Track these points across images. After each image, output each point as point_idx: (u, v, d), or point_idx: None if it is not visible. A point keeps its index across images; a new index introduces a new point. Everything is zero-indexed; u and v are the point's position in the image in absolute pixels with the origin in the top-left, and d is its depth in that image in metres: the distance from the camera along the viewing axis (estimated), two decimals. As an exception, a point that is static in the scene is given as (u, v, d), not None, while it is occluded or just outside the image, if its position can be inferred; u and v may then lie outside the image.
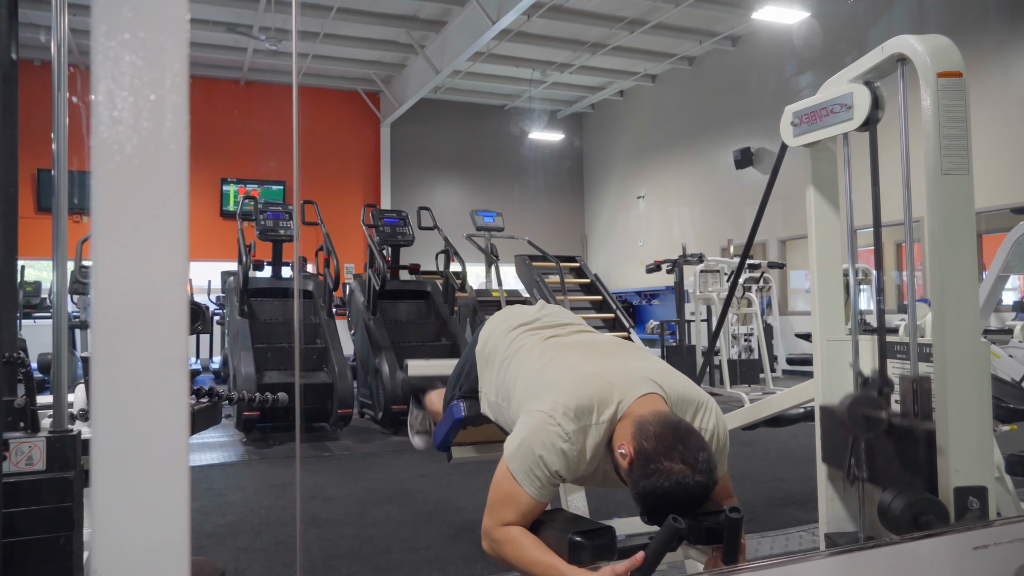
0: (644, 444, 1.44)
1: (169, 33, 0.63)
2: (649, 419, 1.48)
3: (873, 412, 1.78)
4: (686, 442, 1.43)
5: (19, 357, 1.72)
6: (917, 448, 1.73)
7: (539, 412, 1.56)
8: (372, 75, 14.23)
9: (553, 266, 8.33)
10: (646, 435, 1.45)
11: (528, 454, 1.53)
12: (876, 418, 1.78)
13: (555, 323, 2.01)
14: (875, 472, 1.90)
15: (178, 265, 0.63)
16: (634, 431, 1.49)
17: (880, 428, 1.79)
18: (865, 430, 1.79)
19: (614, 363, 1.68)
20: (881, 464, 1.88)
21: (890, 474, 1.84)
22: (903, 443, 1.79)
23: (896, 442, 1.81)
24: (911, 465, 1.76)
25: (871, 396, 1.81)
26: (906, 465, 1.78)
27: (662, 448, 1.42)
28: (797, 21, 10.60)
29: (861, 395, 1.82)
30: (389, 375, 5.94)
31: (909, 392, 1.79)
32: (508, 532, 1.54)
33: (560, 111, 16.57)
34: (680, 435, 1.44)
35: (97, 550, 0.61)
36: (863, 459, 1.92)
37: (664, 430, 1.45)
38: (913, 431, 1.76)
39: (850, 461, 1.93)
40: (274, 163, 13.80)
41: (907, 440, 1.78)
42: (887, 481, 1.85)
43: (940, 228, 1.70)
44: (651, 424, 1.47)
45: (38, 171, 12.38)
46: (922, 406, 1.77)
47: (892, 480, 1.83)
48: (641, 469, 1.44)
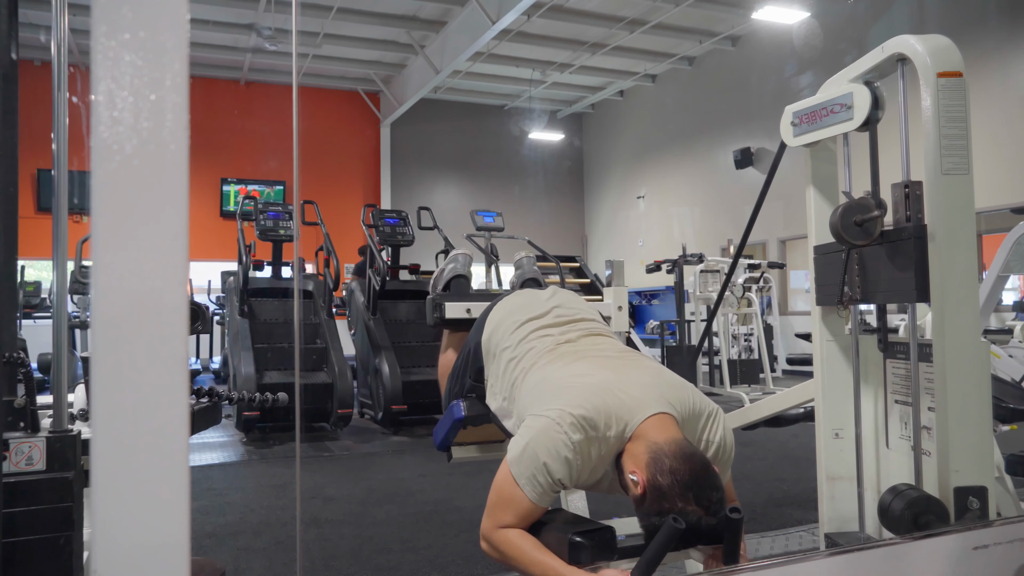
0: (659, 479, 1.42)
1: (169, 33, 0.63)
2: (665, 450, 1.45)
3: (865, 216, 1.77)
4: (701, 482, 1.41)
5: (19, 357, 1.72)
6: (910, 251, 1.73)
7: (545, 418, 1.55)
8: (372, 75, 14.23)
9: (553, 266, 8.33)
10: (661, 469, 1.43)
11: (532, 459, 1.52)
12: (869, 220, 1.77)
13: (566, 319, 1.97)
14: (867, 289, 1.89)
15: (178, 265, 0.63)
16: (648, 460, 1.46)
17: (873, 232, 1.78)
18: (859, 237, 1.77)
19: (625, 376, 1.65)
20: (874, 278, 1.87)
21: (883, 286, 1.84)
22: (896, 249, 1.79)
23: (889, 250, 1.81)
24: (904, 269, 1.76)
25: (862, 202, 1.81)
26: (899, 269, 1.77)
27: (677, 488, 1.40)
28: (797, 21, 10.60)
29: (852, 202, 1.81)
30: (389, 375, 5.94)
31: (901, 197, 1.79)
32: (507, 534, 1.54)
33: (560, 111, 16.57)
34: (695, 474, 1.42)
35: (97, 550, 0.61)
36: (856, 282, 1.91)
37: (680, 465, 1.42)
38: (904, 231, 1.75)
39: (843, 284, 1.92)
40: (274, 163, 13.81)
41: (900, 243, 1.77)
42: (880, 295, 1.86)
43: (940, 228, 1.70)
44: (667, 456, 1.44)
45: (38, 171, 12.38)
46: (914, 211, 1.76)
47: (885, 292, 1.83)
48: (654, 505, 1.42)
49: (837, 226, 1.79)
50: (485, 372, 2.00)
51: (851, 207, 1.80)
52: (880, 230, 1.81)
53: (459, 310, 2.43)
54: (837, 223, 1.79)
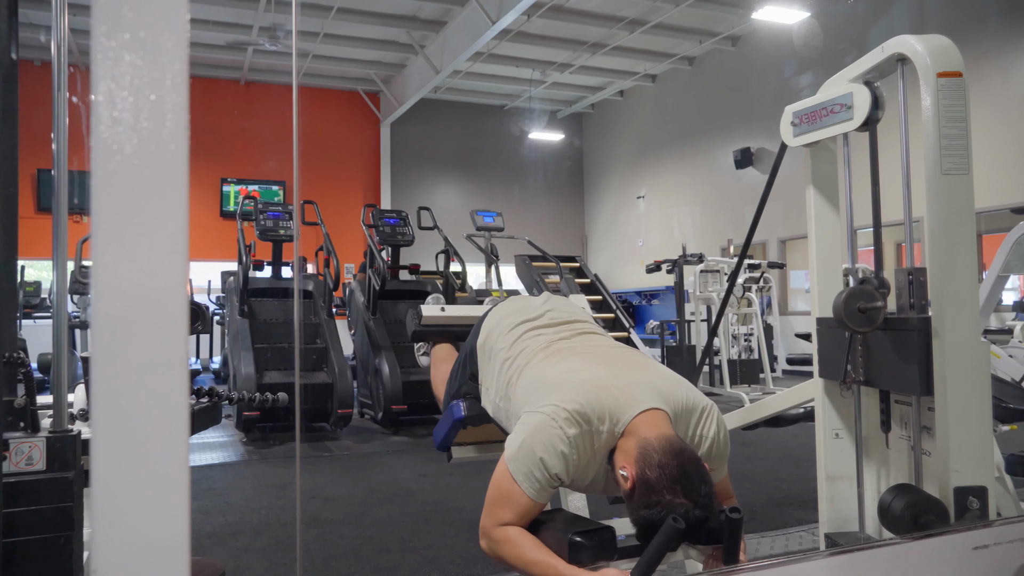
0: (647, 473, 1.44)
1: (169, 33, 0.63)
2: (654, 444, 1.47)
3: (869, 304, 1.77)
4: (689, 475, 1.43)
5: (19, 357, 1.72)
6: (914, 341, 1.72)
7: (540, 414, 1.56)
8: (372, 75, 14.23)
9: (553, 266, 8.33)
10: (649, 463, 1.44)
11: (528, 455, 1.53)
12: (872, 309, 1.76)
13: (560, 321, 1.99)
14: (871, 372, 1.89)
15: (178, 265, 0.63)
16: (637, 455, 1.47)
17: (876, 321, 1.77)
18: (862, 324, 1.77)
19: (618, 372, 1.67)
20: (877, 362, 1.86)
21: (887, 372, 1.83)
22: (899, 338, 1.78)
23: (892, 337, 1.80)
24: (907, 359, 1.75)
25: (866, 288, 1.80)
26: (903, 359, 1.76)
27: (665, 481, 1.42)
28: (797, 21, 10.60)
29: (856, 289, 1.80)
30: (389, 375, 5.94)
31: (905, 285, 1.78)
32: (506, 532, 1.54)
33: (560, 111, 16.57)
34: (684, 467, 1.43)
35: (97, 550, 0.61)
36: (859, 362, 1.91)
37: (668, 459, 1.44)
38: (909, 321, 1.75)
39: (847, 364, 1.92)
40: (274, 163, 13.81)
41: (903, 333, 1.77)
42: (883, 380, 1.85)
43: (940, 228, 1.70)
44: (656, 452, 1.45)
45: (38, 171, 12.38)
46: (918, 298, 1.76)
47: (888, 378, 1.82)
48: (642, 499, 1.44)
49: (840, 312, 1.78)
50: (480, 375, 2.01)
51: (855, 293, 1.79)
52: (884, 316, 1.79)
53: (434, 310, 2.52)
54: (840, 309, 1.78)
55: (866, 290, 1.79)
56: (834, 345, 2.01)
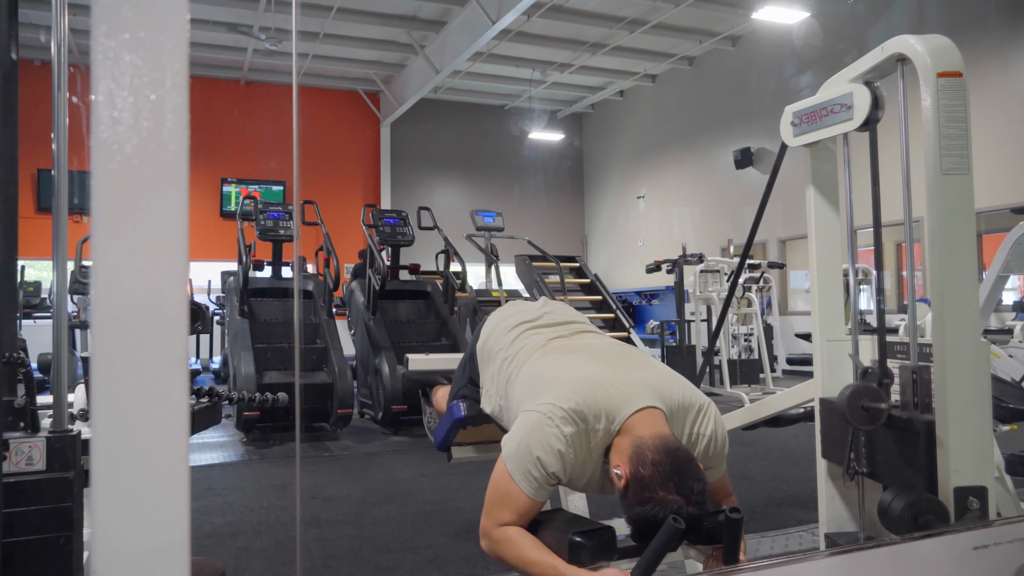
0: (641, 471, 1.45)
1: (169, 33, 0.63)
2: (648, 443, 1.48)
3: (872, 403, 1.78)
4: (682, 472, 1.44)
5: (19, 357, 1.72)
6: (917, 441, 1.73)
7: (537, 413, 1.56)
8: (372, 75, 14.23)
9: (553, 266, 8.33)
10: (643, 461, 1.45)
11: (525, 454, 1.53)
12: (876, 409, 1.77)
13: (557, 321, 2.01)
14: (875, 466, 1.89)
15: (178, 265, 0.63)
16: (631, 454, 1.48)
17: (879, 420, 1.78)
18: (865, 422, 1.78)
19: (615, 370, 1.67)
20: (881, 458, 1.87)
21: (889, 468, 1.83)
22: (903, 435, 1.78)
23: (896, 435, 1.80)
24: (911, 458, 1.75)
25: (870, 387, 1.81)
26: (906, 458, 1.77)
27: (658, 478, 1.43)
28: (797, 21, 10.60)
29: (860, 386, 1.81)
30: (389, 375, 5.94)
31: (909, 382, 1.79)
32: (506, 532, 1.55)
33: (560, 111, 16.57)
34: (677, 465, 1.44)
35: (97, 550, 0.61)
36: (862, 453, 1.91)
37: (662, 458, 1.45)
38: (913, 423, 1.75)
39: (849, 455, 1.92)
40: (274, 163, 13.81)
41: (907, 432, 1.77)
42: (887, 476, 1.85)
43: (940, 228, 1.70)
44: (649, 450, 1.46)
45: (38, 171, 12.38)
46: (921, 397, 1.76)
47: (892, 475, 1.83)
48: (636, 496, 1.45)
49: (844, 410, 1.78)
50: (481, 378, 2.02)
51: (859, 391, 1.79)
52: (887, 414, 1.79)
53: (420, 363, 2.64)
54: (844, 406, 1.78)
55: (870, 389, 1.80)
56: (836, 430, 2.01)
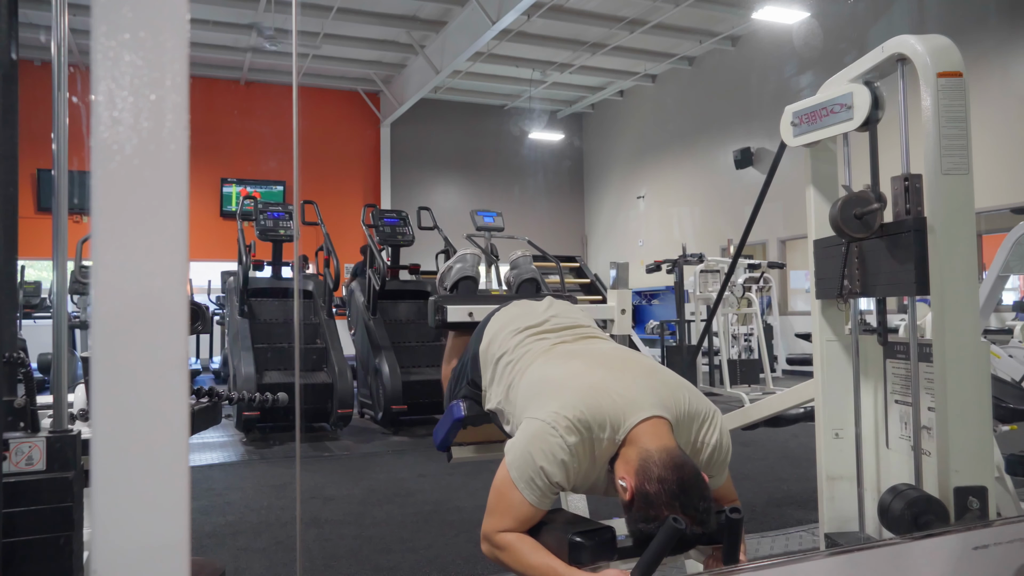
0: (647, 487, 1.43)
1: (169, 33, 0.63)
2: (655, 457, 1.46)
3: (864, 208, 1.77)
4: (688, 491, 1.42)
5: (19, 357, 1.72)
6: (908, 240, 1.73)
7: (540, 421, 1.55)
8: (372, 75, 14.23)
9: (553, 266, 8.33)
10: (649, 477, 1.43)
11: (529, 463, 1.52)
12: (869, 213, 1.77)
13: (563, 326, 1.98)
14: (867, 281, 1.89)
15: (178, 265, 0.63)
16: (637, 467, 1.46)
17: (873, 225, 1.78)
18: (859, 230, 1.77)
19: (620, 377, 1.65)
20: (873, 271, 1.87)
21: (883, 279, 1.83)
22: (895, 241, 1.78)
23: (888, 243, 1.80)
24: (904, 261, 1.75)
25: (862, 195, 1.81)
26: (899, 261, 1.77)
27: (664, 496, 1.41)
28: (797, 21, 10.60)
29: (852, 195, 1.81)
30: (389, 375, 5.94)
31: (901, 191, 1.79)
32: (507, 537, 1.54)
33: (560, 111, 16.57)
34: (684, 483, 1.42)
35: (97, 550, 0.61)
36: (856, 275, 1.91)
37: (668, 474, 1.43)
38: (904, 224, 1.75)
39: (843, 277, 1.92)
40: (274, 163, 13.80)
41: (899, 236, 1.77)
42: (880, 288, 1.85)
43: (940, 228, 1.70)
44: (656, 465, 1.44)
45: (38, 171, 12.38)
46: (913, 204, 1.76)
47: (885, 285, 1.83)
48: (640, 511, 1.43)
49: (837, 219, 1.79)
50: (482, 381, 2.00)
51: (851, 200, 1.80)
52: (880, 223, 1.81)
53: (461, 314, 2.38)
54: (837, 216, 1.79)
55: (862, 196, 1.81)
56: (831, 263, 2.02)
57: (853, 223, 1.79)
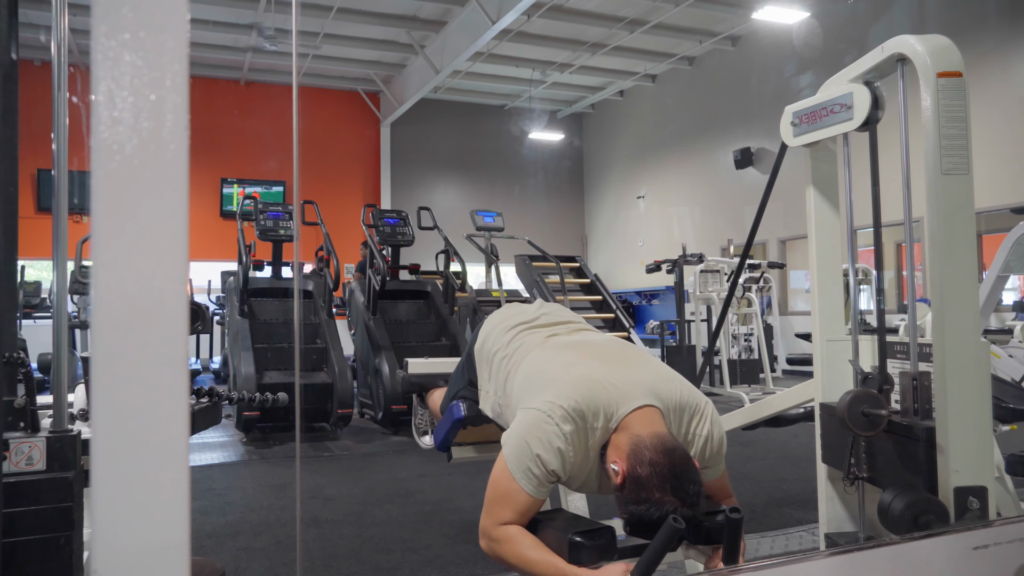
0: (638, 470, 1.46)
1: (169, 33, 0.63)
2: (646, 442, 1.49)
3: (873, 410, 1.78)
4: (679, 474, 1.45)
5: (19, 357, 1.72)
6: (917, 446, 1.73)
7: (536, 410, 1.57)
8: (372, 75, 14.23)
9: (553, 266, 8.33)
10: (640, 460, 1.46)
11: (525, 452, 1.53)
12: (876, 415, 1.78)
13: (554, 321, 2.01)
14: (875, 471, 1.89)
15: (178, 265, 0.63)
16: (629, 451, 1.49)
17: (880, 426, 1.78)
18: (865, 428, 1.78)
19: (613, 367, 1.67)
20: (881, 463, 1.87)
21: (890, 473, 1.84)
22: (903, 441, 1.78)
23: (896, 440, 1.81)
24: (911, 464, 1.75)
25: (871, 393, 1.81)
26: (906, 464, 1.77)
27: (655, 479, 1.44)
28: (797, 21, 10.60)
29: (860, 392, 1.82)
30: (389, 375, 5.94)
31: (909, 388, 1.79)
32: (506, 531, 1.55)
33: (560, 111, 16.57)
34: (674, 466, 1.45)
35: (97, 550, 0.61)
36: (863, 458, 1.91)
37: (659, 457, 1.45)
38: (913, 429, 1.75)
39: (850, 460, 1.93)
40: (274, 163, 13.80)
41: (907, 438, 1.77)
42: (887, 481, 1.85)
43: (940, 228, 1.70)
44: (647, 448, 1.47)
45: (38, 171, 12.38)
46: (922, 403, 1.77)
47: (892, 480, 1.83)
48: (632, 495, 1.46)
49: (844, 416, 1.78)
50: (479, 380, 2.02)
51: (859, 397, 1.79)
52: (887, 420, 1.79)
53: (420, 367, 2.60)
54: (844, 412, 1.78)
55: (870, 395, 1.80)
56: (837, 435, 2.01)
57: (861, 421, 1.78)
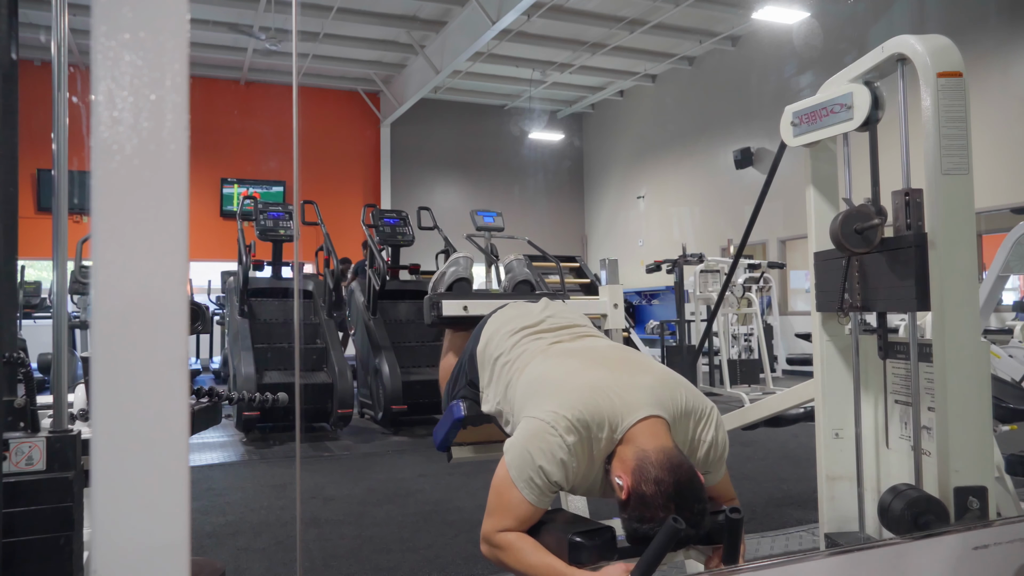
0: (643, 487, 1.44)
1: (169, 33, 0.63)
2: (651, 458, 1.46)
3: (865, 224, 1.77)
4: (683, 494, 1.43)
5: (19, 357, 1.72)
6: (910, 255, 1.73)
7: (539, 420, 1.55)
8: (372, 75, 14.23)
9: (553, 266, 8.33)
10: (645, 477, 1.44)
11: (528, 462, 1.52)
12: (869, 228, 1.76)
13: (559, 325, 1.99)
14: (868, 295, 1.89)
15: (178, 265, 0.63)
16: (634, 467, 1.47)
17: (874, 239, 1.77)
18: (859, 244, 1.77)
19: (618, 375, 1.65)
20: (874, 285, 1.87)
21: (884, 293, 1.83)
22: (896, 256, 1.78)
23: (889, 257, 1.80)
24: (904, 277, 1.75)
25: (863, 209, 1.81)
26: (900, 277, 1.76)
27: (660, 498, 1.42)
28: (797, 21, 10.60)
29: (853, 209, 1.81)
30: (389, 375, 5.94)
31: (902, 205, 1.79)
32: (507, 537, 1.54)
33: (560, 111, 16.57)
34: (679, 485, 1.43)
35: (97, 550, 0.61)
36: (856, 289, 1.91)
37: (664, 475, 1.43)
38: (905, 239, 1.75)
39: (843, 291, 1.92)
40: (274, 163, 13.80)
41: (900, 251, 1.77)
42: (881, 302, 1.85)
43: (940, 228, 1.70)
44: (653, 465, 1.45)
45: (38, 171, 12.38)
46: (914, 219, 1.76)
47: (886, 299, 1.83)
48: (636, 511, 1.44)
49: (837, 234, 1.79)
50: (480, 382, 2.01)
51: (851, 214, 1.80)
52: (880, 237, 1.80)
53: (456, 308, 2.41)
54: (837, 231, 1.79)
55: (863, 211, 1.80)
56: (832, 276, 2.01)
57: (854, 238, 1.78)
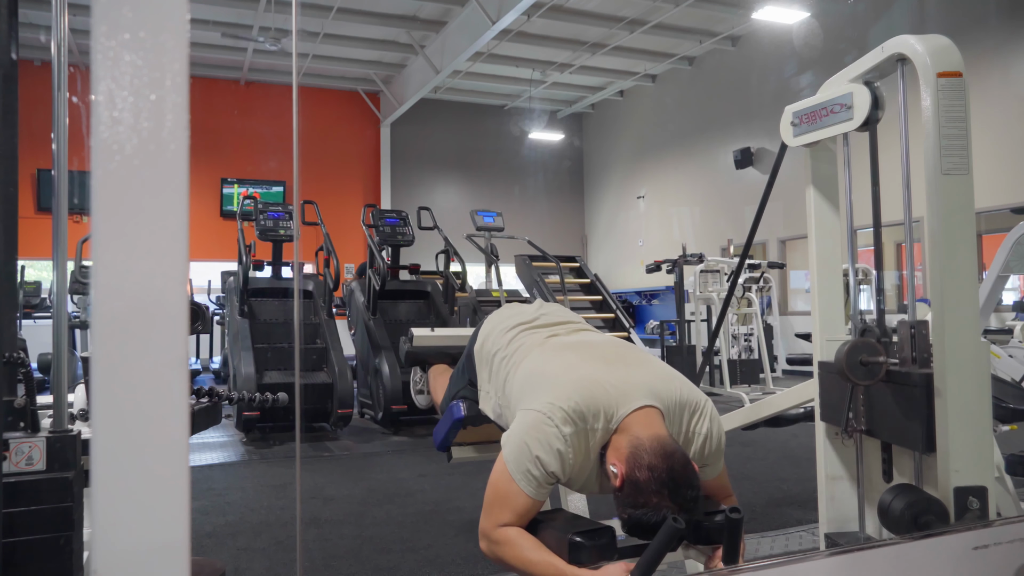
0: (636, 473, 1.46)
1: (169, 33, 0.63)
2: (645, 445, 1.49)
3: (871, 358, 1.77)
4: (677, 479, 1.45)
5: (19, 357, 1.72)
6: (916, 395, 1.73)
7: (536, 412, 1.57)
8: (372, 75, 14.23)
9: (553, 266, 8.33)
10: (639, 464, 1.47)
11: (525, 453, 1.53)
12: (874, 364, 1.77)
13: (554, 322, 2.01)
14: (873, 423, 1.89)
15: (178, 265, 0.63)
16: (628, 454, 1.49)
17: (878, 375, 1.77)
18: (863, 377, 1.78)
19: (613, 368, 1.67)
20: (879, 414, 1.86)
21: (888, 424, 1.83)
22: (901, 390, 1.78)
23: (894, 390, 1.80)
24: (910, 413, 1.75)
25: (868, 342, 1.81)
26: (905, 413, 1.76)
27: (653, 484, 1.44)
28: (797, 21, 10.60)
29: (859, 342, 1.81)
30: (389, 375, 5.94)
31: (907, 337, 1.79)
32: (506, 533, 1.55)
33: (560, 111, 16.57)
34: (673, 471, 1.45)
35: (97, 550, 0.61)
36: (861, 412, 1.91)
37: (658, 462, 1.46)
38: (911, 376, 1.75)
39: (848, 413, 1.92)
40: (274, 163, 13.81)
41: (906, 387, 1.77)
42: (885, 432, 1.85)
43: (940, 228, 1.70)
44: (646, 452, 1.47)
45: (38, 171, 12.38)
46: (920, 352, 1.76)
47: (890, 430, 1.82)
48: (630, 498, 1.47)
49: (843, 365, 1.78)
50: (479, 380, 2.02)
51: (857, 346, 1.79)
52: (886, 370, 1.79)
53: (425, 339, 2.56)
54: (843, 361, 1.77)
55: (868, 343, 1.80)
56: (836, 391, 2.01)
57: (859, 370, 1.78)
